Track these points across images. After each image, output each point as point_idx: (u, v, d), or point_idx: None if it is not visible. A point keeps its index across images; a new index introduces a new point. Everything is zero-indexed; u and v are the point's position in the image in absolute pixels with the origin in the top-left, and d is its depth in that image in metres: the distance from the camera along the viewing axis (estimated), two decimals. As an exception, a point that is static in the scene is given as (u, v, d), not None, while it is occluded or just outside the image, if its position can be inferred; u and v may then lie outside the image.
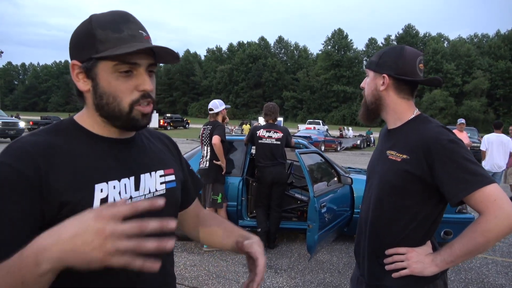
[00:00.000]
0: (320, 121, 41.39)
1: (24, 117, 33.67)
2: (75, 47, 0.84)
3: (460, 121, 8.23)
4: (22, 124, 18.26)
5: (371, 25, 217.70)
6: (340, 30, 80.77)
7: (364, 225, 1.41)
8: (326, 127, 34.88)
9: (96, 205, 0.80)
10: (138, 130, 0.93)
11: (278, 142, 4.53)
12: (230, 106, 5.18)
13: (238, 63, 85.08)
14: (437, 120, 1.34)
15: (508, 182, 7.11)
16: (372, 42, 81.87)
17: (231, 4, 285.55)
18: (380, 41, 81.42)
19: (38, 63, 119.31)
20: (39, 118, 31.30)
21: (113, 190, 0.83)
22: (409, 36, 76.82)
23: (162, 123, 37.83)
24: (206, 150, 4.48)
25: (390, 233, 1.30)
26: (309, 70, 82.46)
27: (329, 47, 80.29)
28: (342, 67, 77.47)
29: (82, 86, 0.85)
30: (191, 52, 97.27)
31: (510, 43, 69.71)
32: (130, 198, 0.87)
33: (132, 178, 0.88)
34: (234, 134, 13.06)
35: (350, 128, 33.16)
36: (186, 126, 43.33)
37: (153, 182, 0.93)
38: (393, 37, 79.25)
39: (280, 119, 22.67)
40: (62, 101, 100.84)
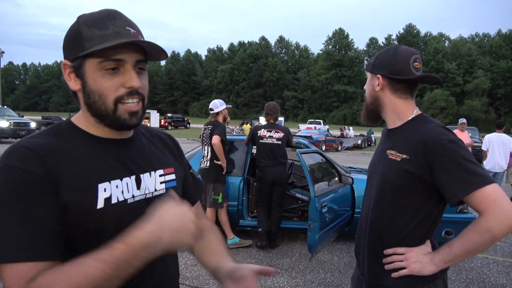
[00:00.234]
0: (321, 120, 41.46)
1: (25, 117, 33.60)
2: (65, 47, 0.85)
3: (461, 121, 8.18)
4: (33, 124, 17.80)
5: (372, 24, 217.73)
6: (341, 29, 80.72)
7: (364, 224, 1.41)
8: (327, 127, 34.89)
9: (100, 205, 0.80)
10: (129, 130, 0.91)
11: (279, 142, 4.53)
12: (231, 106, 5.17)
13: (239, 63, 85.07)
14: (437, 120, 1.34)
15: (509, 181, 7.10)
16: (373, 41, 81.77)
17: (232, 3, 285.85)
18: (381, 40, 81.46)
19: (39, 63, 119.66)
20: (40, 118, 31.33)
21: (116, 189, 0.84)
22: (410, 35, 76.74)
23: (163, 123, 37.93)
24: (207, 150, 4.49)
25: (390, 232, 1.31)
26: (310, 70, 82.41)
27: (330, 47, 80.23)
28: (343, 67, 77.41)
29: (73, 85, 0.85)
30: (192, 52, 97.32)
31: (511, 43, 69.60)
32: (133, 197, 0.87)
33: (133, 178, 0.88)
34: (235, 134, 13.05)
35: (351, 127, 33.12)
36: (187, 126, 43.38)
37: (152, 182, 0.93)
38: (394, 36, 79.21)
39: (281, 119, 22.70)
40: (63, 101, 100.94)
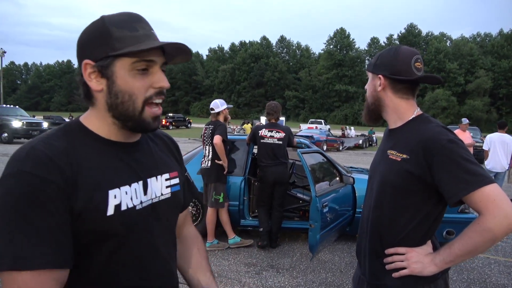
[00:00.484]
0: (322, 120, 41.47)
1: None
2: (88, 47, 0.83)
3: (465, 121, 7.94)
4: (45, 124, 17.70)
5: (373, 24, 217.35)
6: (342, 29, 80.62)
7: (365, 224, 1.41)
8: (328, 127, 34.87)
9: (110, 212, 0.80)
10: (148, 133, 0.93)
11: (280, 142, 4.53)
12: (232, 106, 5.17)
13: (240, 63, 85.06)
14: (438, 120, 1.34)
15: (511, 181, 7.09)
16: (374, 41, 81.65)
17: (233, 3, 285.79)
18: (382, 40, 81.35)
19: (41, 63, 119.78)
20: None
21: (125, 196, 0.84)
22: (411, 35, 76.62)
23: (164, 123, 37.90)
24: (208, 150, 4.49)
25: (390, 232, 1.31)
26: (311, 70, 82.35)
27: (331, 47, 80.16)
28: (344, 67, 77.34)
29: (95, 85, 0.84)
30: (193, 51, 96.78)
31: (513, 42, 69.47)
32: (141, 203, 0.87)
33: (140, 183, 0.89)
34: (236, 134, 13.05)
35: (352, 127, 33.13)
36: (188, 125, 43.42)
37: (159, 186, 0.93)
38: (395, 36, 79.11)
39: (282, 119, 22.65)
40: (65, 100, 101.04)
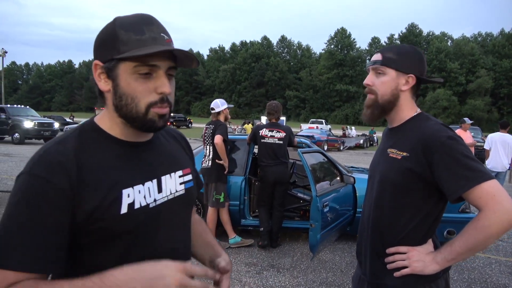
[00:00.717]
0: (323, 120, 41.48)
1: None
2: (99, 48, 0.86)
3: (468, 121, 7.58)
4: (56, 124, 17.82)
5: (374, 24, 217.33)
6: (343, 29, 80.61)
7: (366, 224, 1.41)
8: (329, 127, 34.90)
9: (123, 210, 0.82)
10: (155, 132, 0.94)
11: (281, 142, 4.53)
12: (233, 106, 5.18)
13: (240, 63, 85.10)
14: (439, 119, 1.34)
15: (512, 181, 7.08)
16: (375, 41, 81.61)
17: (234, 3, 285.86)
18: (383, 40, 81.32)
19: (42, 63, 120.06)
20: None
21: (138, 195, 0.86)
22: (412, 35, 76.53)
23: (165, 123, 37.95)
24: (209, 150, 4.49)
25: (391, 232, 1.31)
26: (312, 70, 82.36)
27: (332, 46, 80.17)
28: (345, 66, 77.35)
29: (103, 86, 0.86)
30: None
31: (514, 42, 69.33)
32: (154, 201, 0.89)
33: (154, 181, 0.91)
34: (236, 133, 13.06)
35: (353, 127, 33.11)
36: (189, 125, 43.50)
37: (173, 183, 0.96)
38: (396, 36, 79.03)
39: (282, 119, 22.66)
40: (66, 100, 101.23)
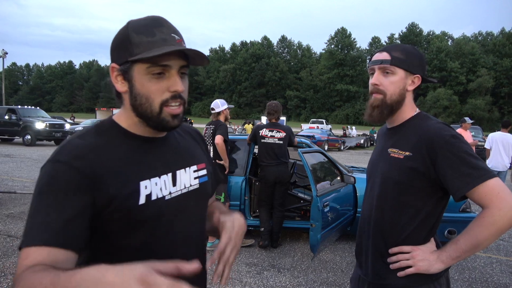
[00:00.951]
0: (323, 120, 41.48)
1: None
2: (114, 51, 0.91)
3: (469, 120, 7.59)
4: (67, 126, 18.11)
5: (375, 23, 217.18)
6: (343, 29, 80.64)
7: (367, 225, 1.41)
8: (330, 126, 34.89)
9: (142, 201, 0.86)
10: (170, 131, 0.98)
11: (281, 142, 4.52)
12: (233, 106, 5.18)
13: (241, 63, 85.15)
14: (439, 119, 1.34)
15: (513, 181, 7.07)
16: (375, 41, 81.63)
17: (234, 3, 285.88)
18: (383, 39, 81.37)
19: (42, 64, 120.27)
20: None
21: (155, 187, 0.90)
22: (412, 34, 76.57)
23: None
24: (209, 150, 4.49)
25: (393, 231, 1.31)
26: (312, 69, 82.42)
27: (332, 46, 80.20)
28: (346, 66, 77.37)
29: (120, 87, 0.91)
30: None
31: (515, 41, 69.25)
32: (170, 193, 0.94)
33: (169, 175, 0.95)
34: (237, 133, 13.07)
35: (353, 127, 33.18)
36: (190, 125, 43.55)
37: (188, 177, 1.00)
38: (396, 35, 79.06)
39: (283, 119, 22.70)
40: (66, 101, 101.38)
